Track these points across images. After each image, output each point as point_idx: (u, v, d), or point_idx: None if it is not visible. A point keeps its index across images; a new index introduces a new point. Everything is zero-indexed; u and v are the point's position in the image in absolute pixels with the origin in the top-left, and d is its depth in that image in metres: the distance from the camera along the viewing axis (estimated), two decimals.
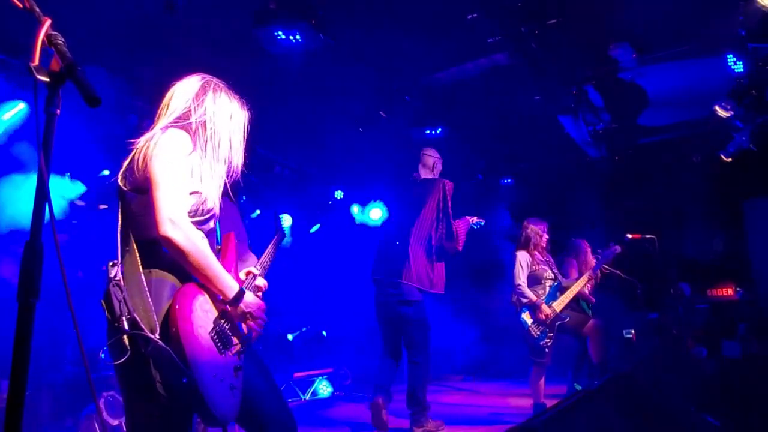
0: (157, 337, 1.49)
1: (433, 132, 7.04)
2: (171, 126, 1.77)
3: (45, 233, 1.18)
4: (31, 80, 1.17)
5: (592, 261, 5.14)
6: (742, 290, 7.67)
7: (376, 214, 8.59)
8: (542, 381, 4.73)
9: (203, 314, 1.63)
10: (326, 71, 5.54)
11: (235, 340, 1.72)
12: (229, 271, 1.79)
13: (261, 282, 2.07)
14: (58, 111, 1.22)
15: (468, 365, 8.64)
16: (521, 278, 4.77)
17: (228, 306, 1.71)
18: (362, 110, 6.23)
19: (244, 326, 1.79)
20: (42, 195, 1.17)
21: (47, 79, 1.18)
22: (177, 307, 1.55)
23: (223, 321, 1.70)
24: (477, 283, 8.25)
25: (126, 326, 1.48)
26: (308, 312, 7.83)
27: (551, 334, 4.62)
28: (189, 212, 1.68)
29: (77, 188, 5.16)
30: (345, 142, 6.92)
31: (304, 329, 7.50)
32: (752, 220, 7.86)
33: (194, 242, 1.60)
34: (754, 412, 3.46)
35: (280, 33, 4.73)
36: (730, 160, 7.08)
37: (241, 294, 1.70)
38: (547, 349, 4.63)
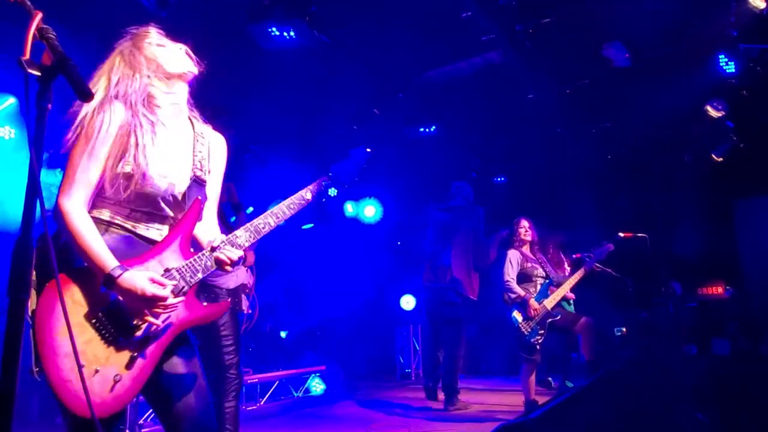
0: (29, 325, 1.43)
1: (427, 130, 7.05)
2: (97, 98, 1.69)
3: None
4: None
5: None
6: (731, 289, 7.75)
7: (369, 211, 8.59)
8: (533, 378, 4.75)
9: (81, 300, 1.51)
10: (320, 68, 5.53)
11: (133, 327, 1.56)
12: (171, 240, 1.66)
13: (230, 253, 1.69)
14: (50, 105, 1.20)
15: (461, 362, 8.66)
16: (510, 275, 4.80)
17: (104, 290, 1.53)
18: (356, 108, 6.22)
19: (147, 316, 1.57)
20: (33, 190, 1.16)
21: (38, 73, 1.17)
22: (42, 292, 1.46)
23: (109, 308, 1.54)
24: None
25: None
26: (301, 309, 7.83)
27: (542, 332, 4.64)
28: (111, 191, 1.61)
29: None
30: (339, 139, 6.91)
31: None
32: (742, 219, 7.93)
33: (72, 224, 1.51)
34: (743, 409, 3.50)
35: (274, 29, 4.72)
36: (721, 159, 7.14)
37: (110, 278, 1.49)
38: (538, 347, 4.65)
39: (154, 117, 1.69)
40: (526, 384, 4.71)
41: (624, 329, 7.78)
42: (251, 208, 8.25)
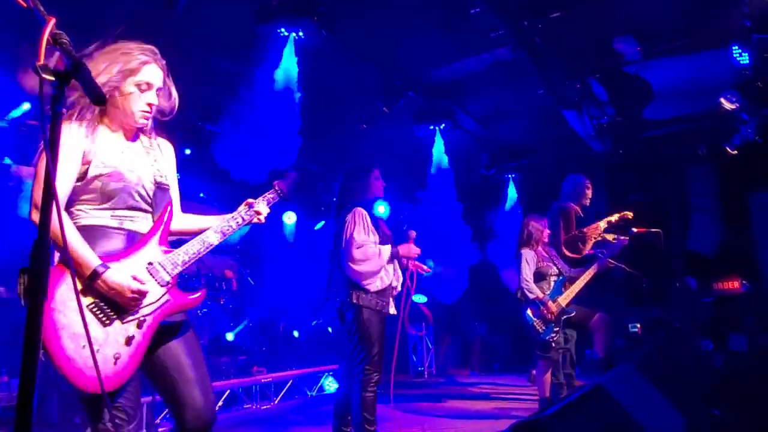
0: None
1: (437, 127, 7.03)
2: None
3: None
4: None
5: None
6: (747, 283, 7.64)
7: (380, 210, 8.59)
8: (548, 376, 4.73)
9: (77, 288, 1.60)
10: (329, 68, 5.54)
11: (125, 311, 1.74)
12: (151, 236, 1.87)
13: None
14: (65, 110, 1.22)
15: (474, 360, 8.65)
16: (528, 275, 4.77)
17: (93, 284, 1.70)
18: (365, 106, 6.22)
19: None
20: (49, 193, 1.18)
21: (53, 78, 1.19)
22: None
23: (102, 294, 1.71)
24: (484, 279, 8.25)
25: None
26: (314, 308, 7.85)
27: (557, 329, 4.62)
28: (95, 197, 1.79)
29: None
30: (348, 138, 6.91)
31: (314, 322, 7.52)
32: (758, 213, 7.81)
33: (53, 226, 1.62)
34: (761, 405, 3.46)
35: (282, 30, 4.73)
36: (735, 152, 7.03)
37: (94, 274, 1.67)
38: (553, 344, 4.62)
39: (110, 130, 1.88)
40: (542, 381, 4.69)
41: (638, 326, 7.71)
42: (322, 222, 8.28)
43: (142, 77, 1.87)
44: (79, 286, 1.64)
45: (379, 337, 3.32)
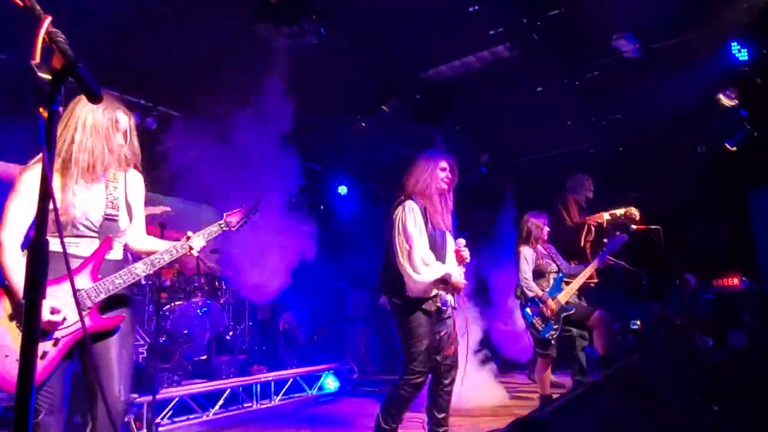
0: None
1: (437, 126, 7.02)
2: (32, 160, 2.20)
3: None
4: None
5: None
6: (747, 280, 7.64)
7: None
8: (548, 373, 4.74)
9: (8, 311, 2.03)
10: (327, 66, 5.52)
11: (45, 332, 2.05)
12: (84, 266, 2.18)
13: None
14: (61, 108, 1.22)
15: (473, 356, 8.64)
16: (527, 273, 4.76)
17: None
18: (364, 105, 6.21)
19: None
20: (46, 193, 1.17)
21: (49, 77, 1.18)
22: None
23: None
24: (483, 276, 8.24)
25: None
26: (314, 307, 7.85)
27: (556, 327, 4.62)
28: (50, 226, 2.11)
29: None
30: (347, 137, 6.90)
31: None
32: (758, 210, 7.82)
33: (2, 260, 2.03)
34: (760, 402, 3.46)
35: (282, 28, 4.72)
36: (735, 149, 7.03)
37: (19, 304, 2.01)
38: (553, 342, 4.63)
39: (70, 172, 2.16)
40: (542, 379, 4.70)
41: (638, 323, 7.71)
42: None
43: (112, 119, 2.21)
44: (11, 310, 2.02)
45: (427, 334, 3.08)
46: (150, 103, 6.05)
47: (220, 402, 5.20)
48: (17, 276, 2.01)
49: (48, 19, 1.24)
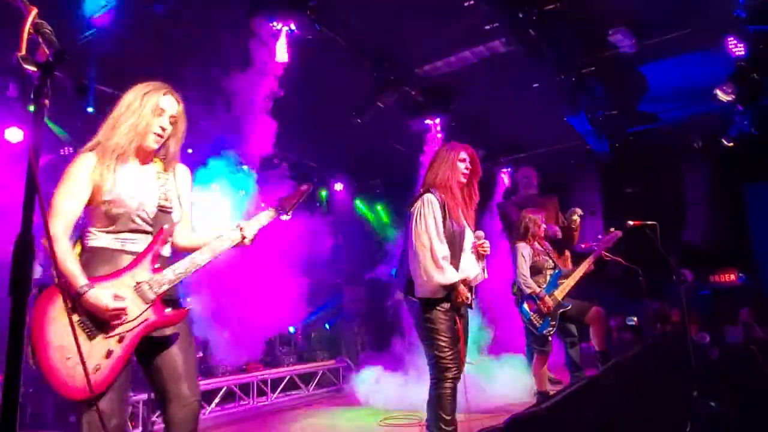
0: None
1: (433, 122, 7.00)
2: (80, 151, 2.08)
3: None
4: None
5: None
6: (744, 275, 7.66)
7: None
8: (545, 369, 4.72)
9: (67, 306, 1.84)
10: (322, 62, 5.49)
11: (109, 327, 1.92)
12: (141, 258, 2.03)
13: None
14: (47, 101, 1.19)
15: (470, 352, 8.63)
16: (524, 270, 4.74)
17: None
18: (360, 101, 6.18)
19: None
20: (32, 188, 1.15)
21: (35, 69, 1.15)
22: (35, 301, 1.84)
23: (88, 312, 1.89)
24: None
25: None
26: (311, 304, 7.83)
27: (554, 323, 4.61)
28: (102, 220, 2.02)
29: None
30: (343, 133, 6.87)
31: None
32: (754, 205, 7.83)
33: (55, 251, 1.85)
34: (756, 397, 3.46)
35: (275, 23, 4.69)
36: (731, 144, 7.03)
37: (78, 294, 1.86)
38: (549, 338, 4.61)
39: (123, 160, 2.06)
40: (539, 375, 4.69)
41: (635, 319, 7.73)
42: None
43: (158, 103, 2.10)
44: (69, 305, 1.84)
45: (448, 329, 2.90)
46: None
47: (216, 400, 5.18)
48: (70, 266, 1.88)
49: (34, 11, 1.21)
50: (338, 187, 8.97)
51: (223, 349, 5.84)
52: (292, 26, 4.70)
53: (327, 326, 7.86)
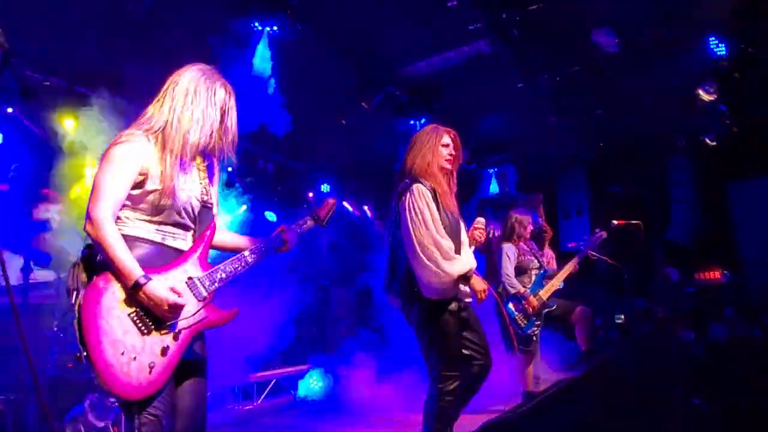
0: (74, 316, 1.69)
1: (417, 122, 6.98)
2: (126, 132, 1.93)
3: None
4: None
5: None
6: (728, 273, 7.72)
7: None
8: (530, 369, 4.72)
9: (121, 297, 1.75)
10: (305, 62, 5.45)
11: (164, 322, 1.81)
12: (192, 253, 1.95)
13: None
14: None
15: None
16: (509, 270, 4.74)
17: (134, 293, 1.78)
18: (344, 102, 6.15)
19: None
20: None
21: None
22: (87, 288, 1.73)
23: (143, 305, 1.78)
24: None
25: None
26: (298, 306, 7.77)
27: (538, 323, 4.61)
28: (145, 208, 1.89)
29: None
30: (328, 134, 6.83)
31: None
32: (737, 203, 7.90)
33: (105, 237, 1.74)
34: (740, 394, 3.47)
35: (256, 24, 4.65)
36: (714, 143, 7.09)
37: (137, 285, 1.74)
38: (534, 338, 4.62)
39: (172, 149, 1.94)
40: (523, 375, 4.68)
41: (622, 317, 7.76)
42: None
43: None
44: (122, 296, 1.75)
45: (456, 334, 2.69)
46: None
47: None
48: (120, 253, 1.74)
49: None
50: (325, 188, 8.92)
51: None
52: (275, 27, 4.66)
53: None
